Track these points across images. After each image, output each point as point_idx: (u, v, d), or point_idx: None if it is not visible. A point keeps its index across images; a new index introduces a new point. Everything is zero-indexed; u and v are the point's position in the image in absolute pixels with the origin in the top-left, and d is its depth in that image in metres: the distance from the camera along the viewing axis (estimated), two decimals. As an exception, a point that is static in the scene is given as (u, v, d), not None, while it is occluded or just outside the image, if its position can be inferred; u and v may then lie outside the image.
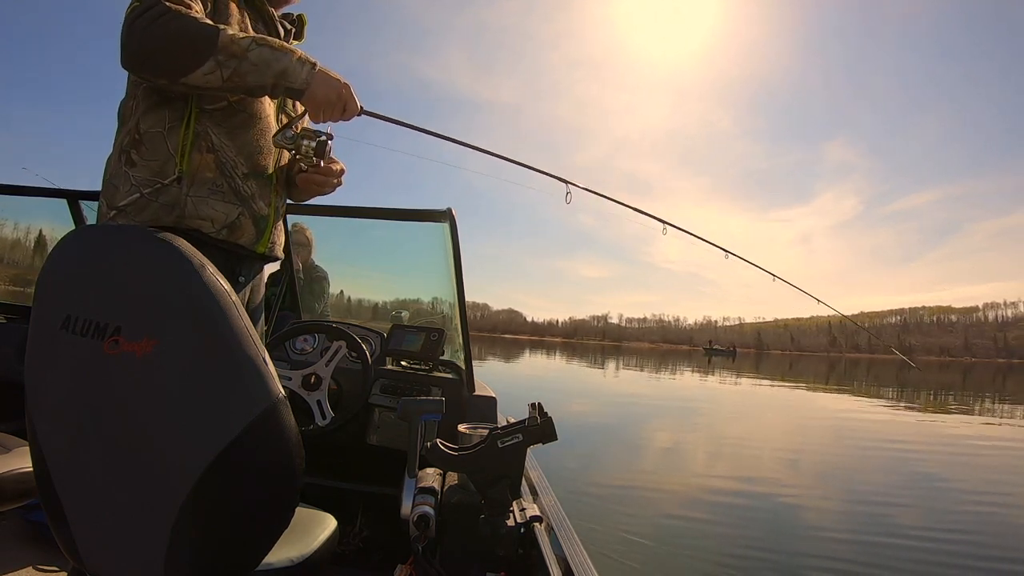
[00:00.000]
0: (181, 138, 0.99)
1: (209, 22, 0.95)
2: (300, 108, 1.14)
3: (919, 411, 12.92)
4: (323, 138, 1.09)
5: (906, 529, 4.01)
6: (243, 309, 0.68)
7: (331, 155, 1.12)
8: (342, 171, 1.23)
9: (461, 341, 1.94)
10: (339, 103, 1.03)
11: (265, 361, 0.68)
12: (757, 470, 5.68)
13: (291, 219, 2.90)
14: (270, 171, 1.12)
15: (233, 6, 1.07)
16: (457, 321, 1.98)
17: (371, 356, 1.84)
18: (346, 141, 1.24)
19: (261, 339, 0.78)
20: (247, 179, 1.06)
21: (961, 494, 5.19)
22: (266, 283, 1.33)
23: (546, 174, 1.51)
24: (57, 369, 0.71)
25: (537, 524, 1.20)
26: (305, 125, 1.12)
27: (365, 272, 3.20)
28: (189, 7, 0.94)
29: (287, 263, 2.48)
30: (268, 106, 1.12)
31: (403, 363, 2.00)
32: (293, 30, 1.23)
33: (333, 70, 1.04)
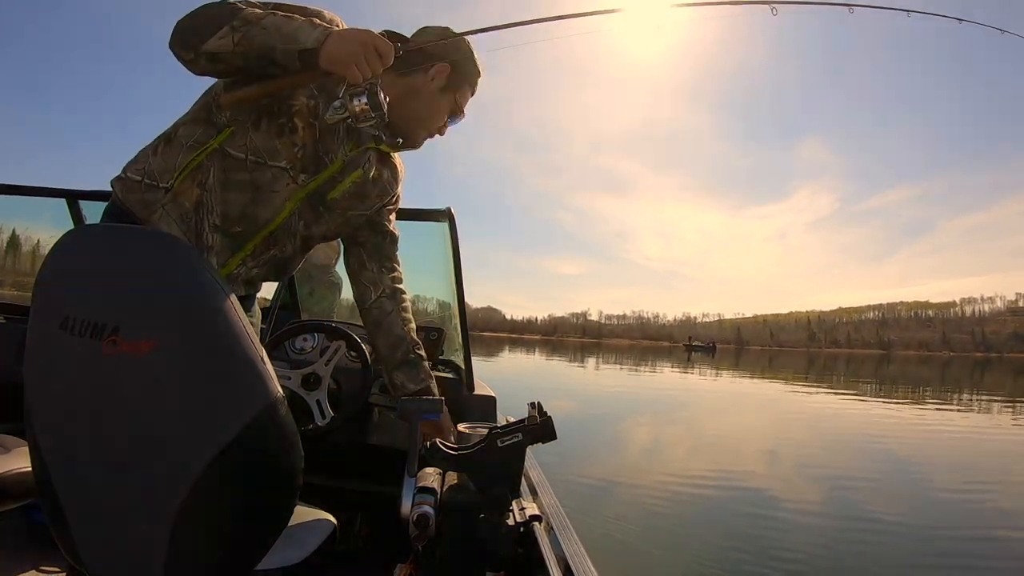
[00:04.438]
0: (188, 159, 1.02)
1: (244, 5, 0.96)
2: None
3: (897, 404, 13.09)
4: (366, 88, 0.98)
5: (885, 516, 4.15)
6: (241, 309, 0.68)
7: (385, 104, 1.00)
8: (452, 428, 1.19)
9: (461, 340, 1.94)
10: (364, 50, 0.94)
11: (263, 360, 0.67)
12: (749, 465, 5.73)
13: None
14: (246, 241, 1.08)
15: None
16: (456, 320, 1.98)
17: (371, 356, 1.84)
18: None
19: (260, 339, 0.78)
20: (215, 231, 1.05)
21: (938, 482, 5.36)
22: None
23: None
24: (56, 369, 0.71)
25: (537, 523, 1.20)
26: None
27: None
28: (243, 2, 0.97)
29: None
30: (283, 187, 1.08)
31: None
32: (388, 141, 1.20)
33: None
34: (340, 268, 3.10)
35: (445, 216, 1.84)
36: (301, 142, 1.05)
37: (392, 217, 1.35)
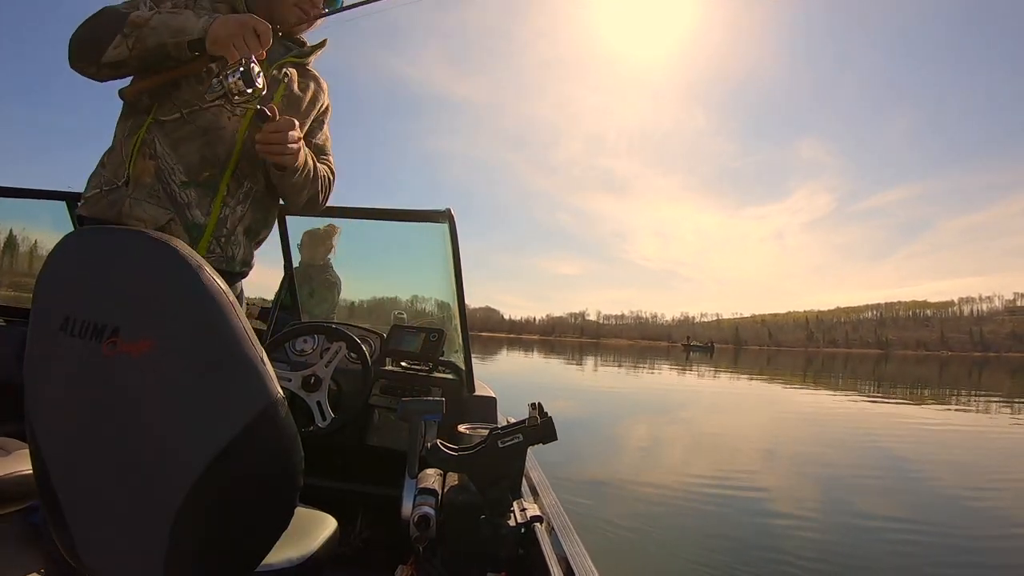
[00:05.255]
0: (132, 145, 1.09)
1: (131, 10, 1.04)
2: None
3: (895, 404, 13.16)
4: (242, 68, 1.02)
5: (884, 515, 4.17)
6: (241, 310, 0.68)
7: (259, 80, 1.04)
8: (291, 122, 1.12)
9: (461, 341, 1.94)
10: (242, 31, 1.02)
11: (263, 361, 0.67)
12: (749, 464, 5.74)
13: (325, 221, 2.88)
14: (218, 183, 1.13)
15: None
16: (457, 321, 1.98)
17: (371, 357, 1.84)
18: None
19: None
20: (185, 187, 1.10)
21: (936, 482, 5.38)
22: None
23: None
24: (56, 371, 0.71)
25: (538, 524, 1.20)
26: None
27: (364, 273, 3.19)
28: (128, 9, 1.05)
29: (287, 265, 2.48)
30: (227, 120, 1.13)
31: (403, 364, 2.00)
32: (296, 50, 1.25)
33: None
34: (338, 269, 3.11)
35: (444, 217, 1.84)
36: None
37: (325, 129, 1.37)
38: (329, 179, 1.34)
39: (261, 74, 1.06)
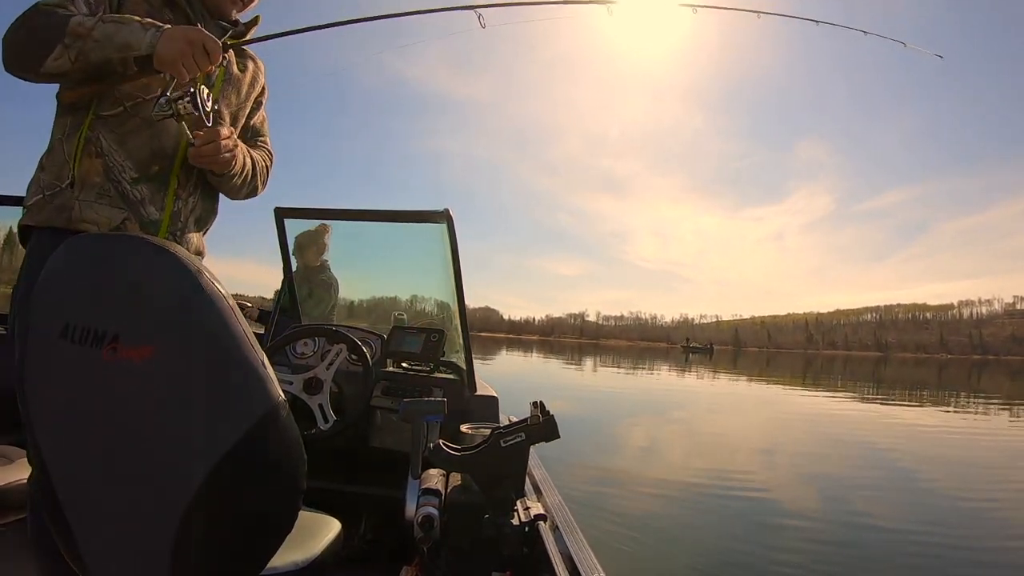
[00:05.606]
0: (74, 144, 1.04)
1: (68, 13, 0.97)
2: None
3: (894, 406, 13.21)
4: (192, 90, 1.02)
5: (882, 516, 4.16)
6: (241, 314, 0.68)
7: (208, 104, 1.04)
8: (229, 135, 1.13)
9: (461, 341, 1.94)
10: (191, 48, 0.99)
11: (264, 365, 0.67)
12: (749, 465, 5.75)
13: (315, 223, 2.88)
14: (168, 176, 1.10)
15: (142, 4, 1.08)
16: (457, 321, 1.98)
17: (372, 358, 1.84)
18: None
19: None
20: (136, 184, 1.07)
21: (934, 484, 5.37)
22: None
23: (448, 9, 1.34)
24: (56, 378, 0.70)
25: (541, 522, 1.20)
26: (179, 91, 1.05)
27: (364, 274, 3.19)
28: (63, 7, 0.98)
29: (286, 268, 2.47)
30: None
31: (404, 365, 2.00)
32: (232, 31, 1.21)
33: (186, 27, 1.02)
34: (338, 269, 3.12)
35: (443, 217, 1.84)
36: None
37: (262, 111, 1.36)
38: (266, 166, 1.33)
39: (210, 96, 1.05)
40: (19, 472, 1.30)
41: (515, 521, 1.18)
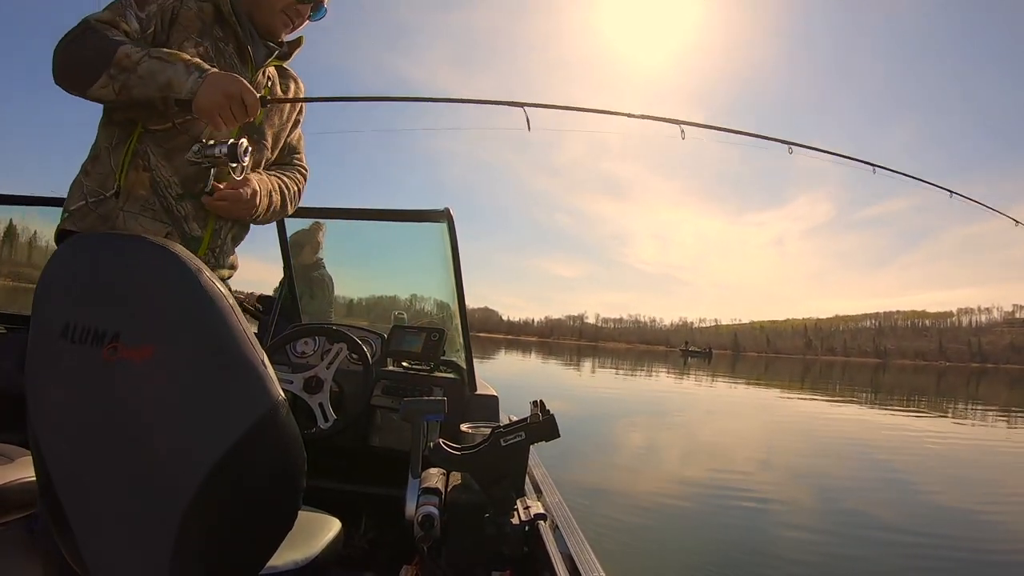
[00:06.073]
0: (122, 155, 1.05)
1: (118, 39, 0.98)
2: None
3: (892, 413, 13.18)
4: (232, 141, 1.03)
5: (881, 520, 4.18)
6: (241, 313, 0.68)
7: (245, 159, 1.06)
8: (254, 192, 1.14)
9: (462, 340, 1.94)
10: (229, 101, 0.99)
11: (264, 364, 0.67)
12: (748, 468, 5.76)
13: (309, 221, 2.88)
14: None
15: (195, 22, 1.08)
16: (457, 320, 1.98)
17: (372, 358, 1.84)
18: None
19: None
20: (181, 200, 1.07)
21: (932, 491, 5.36)
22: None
23: (500, 103, 1.33)
24: (58, 377, 0.71)
25: (542, 522, 1.20)
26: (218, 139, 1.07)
27: (364, 274, 3.19)
28: (116, 25, 0.99)
29: (287, 268, 2.48)
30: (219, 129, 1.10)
31: (404, 364, 2.00)
32: (278, 51, 1.23)
33: (233, 73, 1.02)
34: (337, 268, 3.12)
35: (444, 216, 1.84)
36: None
37: (299, 130, 1.37)
38: (298, 189, 1.34)
39: (249, 150, 1.05)
40: (19, 471, 1.30)
41: (515, 520, 1.18)
